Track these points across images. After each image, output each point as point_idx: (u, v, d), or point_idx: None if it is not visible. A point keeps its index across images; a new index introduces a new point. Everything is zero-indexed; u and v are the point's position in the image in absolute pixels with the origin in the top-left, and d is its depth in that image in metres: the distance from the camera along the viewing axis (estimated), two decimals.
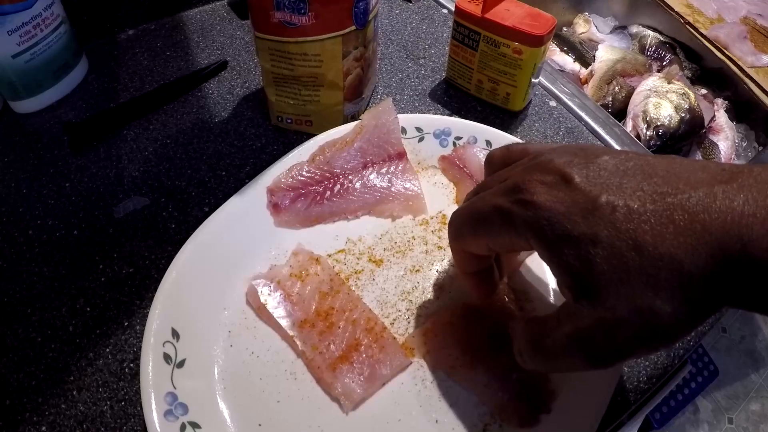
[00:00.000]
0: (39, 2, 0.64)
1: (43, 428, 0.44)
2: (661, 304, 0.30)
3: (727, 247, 0.29)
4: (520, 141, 0.60)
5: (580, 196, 0.33)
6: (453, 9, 0.86)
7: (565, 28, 1.16)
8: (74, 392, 0.46)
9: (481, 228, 0.39)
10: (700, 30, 1.01)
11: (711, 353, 1.35)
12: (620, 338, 0.32)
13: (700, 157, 0.90)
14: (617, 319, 0.31)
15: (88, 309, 0.51)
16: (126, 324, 0.50)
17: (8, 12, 0.61)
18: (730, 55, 0.98)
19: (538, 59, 0.64)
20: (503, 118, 0.69)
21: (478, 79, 0.69)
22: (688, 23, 1.02)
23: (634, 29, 1.13)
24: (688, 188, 0.31)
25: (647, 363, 0.49)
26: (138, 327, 0.50)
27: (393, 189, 0.57)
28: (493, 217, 0.37)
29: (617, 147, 0.68)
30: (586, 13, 1.17)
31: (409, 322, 0.50)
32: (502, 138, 0.60)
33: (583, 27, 1.14)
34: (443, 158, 0.60)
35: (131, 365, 0.48)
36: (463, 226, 0.41)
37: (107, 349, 0.48)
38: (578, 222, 0.32)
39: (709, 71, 1.04)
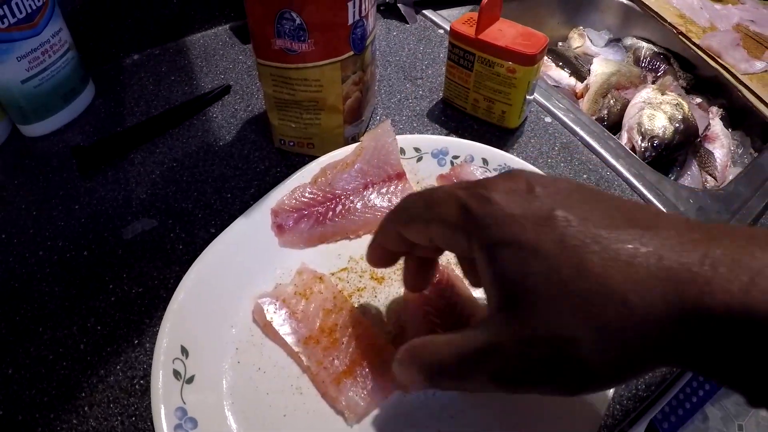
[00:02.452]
0: (47, 29, 0.66)
1: None
2: (584, 336, 0.28)
3: (684, 293, 0.26)
4: (515, 158, 0.61)
5: (537, 204, 0.31)
6: (448, 29, 0.88)
7: (560, 43, 1.17)
8: (85, 408, 0.47)
9: (431, 213, 0.36)
10: (693, 39, 1.02)
11: None
12: (531, 361, 0.30)
13: (696, 166, 0.91)
14: (534, 338, 0.29)
15: (99, 327, 0.52)
16: (136, 342, 0.51)
17: (17, 39, 0.63)
18: (723, 63, 0.99)
19: (532, 77, 0.65)
20: (499, 135, 0.71)
21: (474, 99, 0.71)
22: (681, 33, 1.03)
23: (629, 41, 1.14)
24: (654, 227, 0.29)
25: None
26: (148, 345, 0.51)
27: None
28: (448, 205, 0.35)
29: (612, 161, 0.69)
30: (581, 27, 1.18)
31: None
32: (498, 156, 0.61)
33: (578, 41, 1.15)
34: (441, 177, 0.62)
35: (141, 382, 0.48)
36: (413, 208, 0.38)
37: (118, 366, 0.49)
38: (527, 228, 0.30)
39: (703, 80, 1.05)
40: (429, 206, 0.36)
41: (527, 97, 0.68)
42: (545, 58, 0.66)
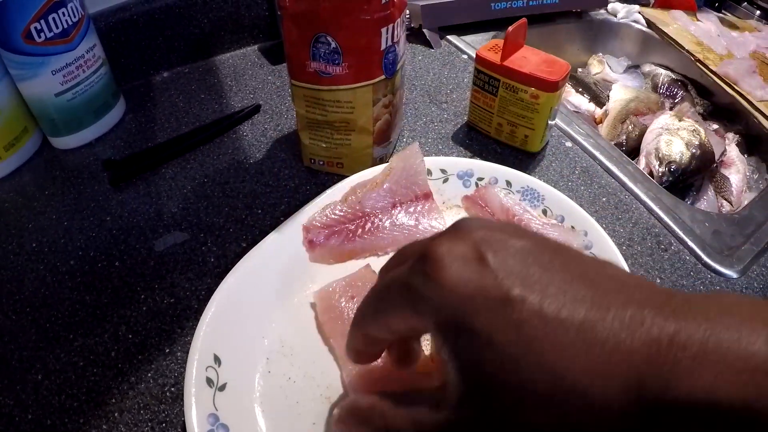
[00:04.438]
0: (82, 44, 0.68)
1: None
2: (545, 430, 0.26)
3: (646, 382, 0.24)
4: (537, 180, 0.63)
5: (490, 281, 0.27)
6: (471, 54, 0.89)
7: (580, 69, 1.18)
8: (116, 414, 0.48)
9: (381, 305, 0.33)
10: (710, 66, 1.02)
11: None
12: None
13: (712, 191, 0.92)
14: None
15: (130, 336, 0.53)
16: (167, 350, 0.52)
17: (53, 53, 0.65)
18: (739, 90, 0.98)
19: (554, 103, 0.67)
20: (522, 159, 0.72)
21: (497, 123, 0.72)
22: (699, 60, 1.04)
23: (647, 68, 1.15)
24: (616, 304, 0.26)
25: None
26: (179, 354, 0.52)
27: (420, 227, 0.60)
28: (395, 292, 0.32)
29: (631, 185, 0.70)
30: (600, 54, 1.19)
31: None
32: (520, 178, 0.63)
33: (598, 67, 1.16)
34: (466, 198, 0.63)
35: (172, 389, 0.49)
36: (367, 306, 0.35)
37: (149, 374, 0.50)
38: (480, 313, 0.27)
39: (720, 106, 1.06)
40: (378, 300, 0.34)
41: (549, 122, 0.69)
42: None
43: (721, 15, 1.19)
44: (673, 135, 0.89)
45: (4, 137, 0.68)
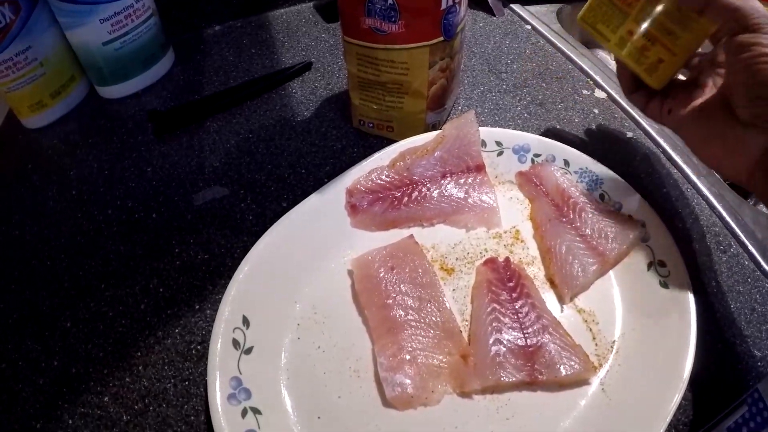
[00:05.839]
0: None
1: (106, 399, 0.45)
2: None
3: None
4: (596, 162, 0.59)
5: None
6: (535, 25, 0.86)
7: None
8: (140, 367, 0.47)
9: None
10: None
11: None
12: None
13: None
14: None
15: (161, 290, 0.52)
16: (197, 307, 0.51)
17: (101, 1, 0.64)
18: None
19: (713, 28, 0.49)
20: (578, 141, 0.68)
21: (628, 30, 0.53)
22: None
23: None
24: None
25: (706, 396, 0.47)
26: (208, 311, 0.51)
27: (469, 200, 0.57)
28: None
29: (694, 177, 0.65)
30: None
31: None
32: (579, 159, 0.59)
33: None
34: (521, 174, 0.60)
35: (198, 347, 0.48)
36: None
37: (176, 330, 0.50)
38: None
39: None
40: None
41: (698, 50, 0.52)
42: None
43: None
44: None
45: (50, 85, 0.68)
